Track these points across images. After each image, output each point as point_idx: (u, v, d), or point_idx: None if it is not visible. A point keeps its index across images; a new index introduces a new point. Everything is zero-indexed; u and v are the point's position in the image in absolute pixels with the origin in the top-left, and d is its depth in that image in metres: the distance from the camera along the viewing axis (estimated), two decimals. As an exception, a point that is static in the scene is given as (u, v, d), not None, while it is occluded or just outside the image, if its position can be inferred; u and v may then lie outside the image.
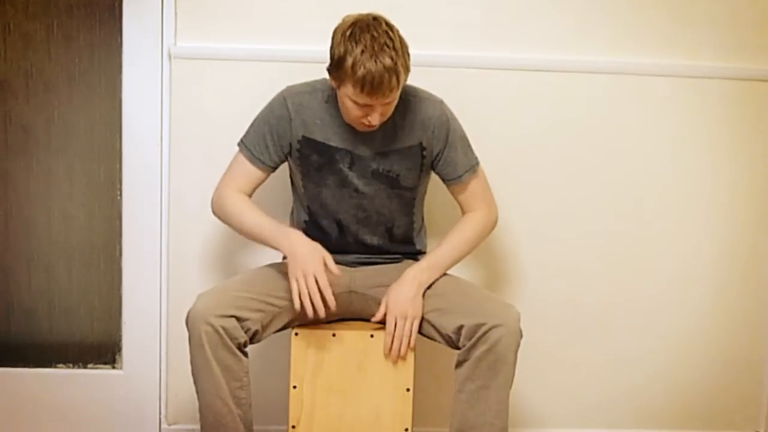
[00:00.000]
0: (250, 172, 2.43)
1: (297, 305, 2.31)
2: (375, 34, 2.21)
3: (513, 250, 2.83)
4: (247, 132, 2.44)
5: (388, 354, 2.34)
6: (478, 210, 2.49)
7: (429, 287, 2.40)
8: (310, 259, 2.31)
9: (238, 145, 2.45)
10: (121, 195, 2.77)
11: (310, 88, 2.41)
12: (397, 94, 2.28)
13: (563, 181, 2.81)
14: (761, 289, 2.91)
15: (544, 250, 2.84)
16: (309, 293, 2.30)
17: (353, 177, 2.41)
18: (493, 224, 2.52)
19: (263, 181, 2.46)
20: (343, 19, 2.28)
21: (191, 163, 2.72)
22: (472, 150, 2.49)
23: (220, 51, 2.67)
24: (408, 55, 2.26)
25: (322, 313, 2.30)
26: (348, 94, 2.25)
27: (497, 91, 2.74)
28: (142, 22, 2.68)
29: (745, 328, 2.93)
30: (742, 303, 2.91)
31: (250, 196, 2.46)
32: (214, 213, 2.47)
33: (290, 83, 2.45)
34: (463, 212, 2.51)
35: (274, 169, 2.46)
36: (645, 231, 2.86)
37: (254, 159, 2.42)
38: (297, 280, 2.31)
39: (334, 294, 2.34)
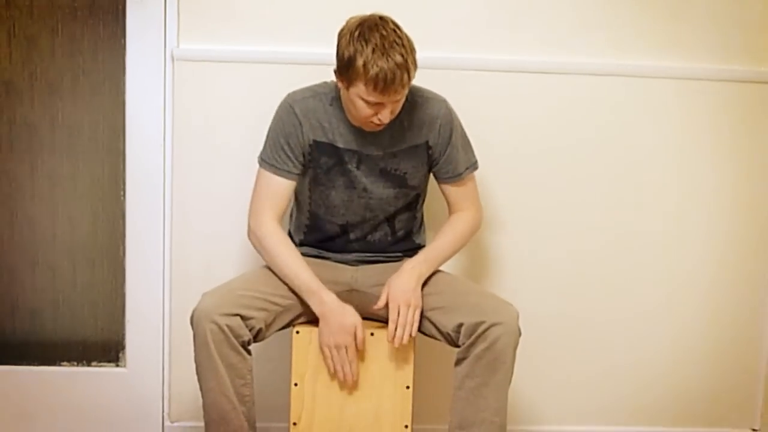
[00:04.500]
0: (279, 186, 2.41)
1: (331, 371, 2.35)
2: (384, 32, 2.22)
3: (512, 250, 2.84)
4: (264, 149, 2.42)
5: (391, 341, 2.34)
6: (468, 209, 2.51)
7: (428, 285, 2.40)
8: (342, 332, 2.33)
9: (259, 163, 2.43)
10: (124, 195, 2.77)
11: (312, 92, 2.42)
12: (406, 91, 2.29)
13: (563, 181, 2.82)
14: (757, 293, 2.92)
15: (543, 249, 2.84)
16: (341, 364, 2.35)
17: (361, 177, 2.42)
18: (480, 224, 2.56)
19: (293, 192, 2.44)
20: (348, 21, 2.28)
21: (194, 163, 2.72)
22: (471, 148, 2.51)
23: (223, 53, 2.67)
24: (415, 51, 2.26)
25: (350, 380, 2.35)
26: (359, 94, 2.25)
27: (497, 92, 2.75)
28: (145, 25, 2.68)
29: (742, 331, 2.93)
30: (739, 306, 2.92)
31: (284, 214, 2.44)
32: (251, 241, 2.44)
33: (291, 85, 2.45)
34: (452, 211, 2.52)
35: (299, 176, 2.43)
36: (644, 230, 2.86)
37: (280, 171, 2.40)
38: (329, 350, 2.34)
39: (335, 294, 2.37)
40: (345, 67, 2.25)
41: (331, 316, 2.33)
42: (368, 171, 2.42)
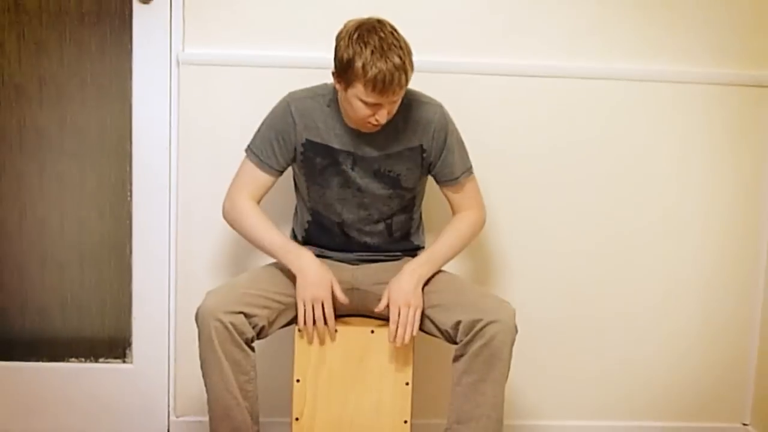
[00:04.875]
0: (259, 177, 2.44)
1: (301, 325, 2.36)
2: (382, 35, 2.23)
3: (509, 250, 2.85)
4: (254, 138, 2.45)
5: (393, 341, 2.35)
6: (469, 210, 2.52)
7: (427, 284, 2.41)
8: (319, 285, 2.34)
9: (246, 151, 2.46)
10: (131, 196, 2.79)
11: (312, 93, 2.44)
12: (403, 92, 2.30)
13: (559, 183, 2.83)
14: (748, 293, 2.93)
15: (540, 249, 2.85)
16: (315, 318, 2.35)
17: (356, 177, 2.43)
18: (483, 224, 2.56)
19: (272, 185, 2.47)
20: (346, 24, 2.30)
21: (199, 164, 2.74)
22: (467, 153, 2.51)
23: (226, 57, 2.69)
24: (411, 54, 2.28)
25: (323, 338, 2.36)
26: (358, 95, 2.26)
27: (493, 95, 2.76)
28: (151, 30, 2.69)
29: (733, 329, 2.94)
30: (731, 306, 2.93)
31: (260, 200, 2.46)
32: (226, 220, 2.48)
33: (293, 88, 2.46)
34: (455, 212, 2.53)
35: (281, 173, 2.47)
36: (639, 231, 2.87)
37: (262, 164, 2.43)
38: (305, 304, 2.35)
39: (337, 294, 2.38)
40: (344, 69, 2.26)
41: (308, 270, 2.35)
42: (363, 172, 2.44)
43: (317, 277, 2.36)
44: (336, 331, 2.39)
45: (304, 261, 2.37)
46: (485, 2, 2.74)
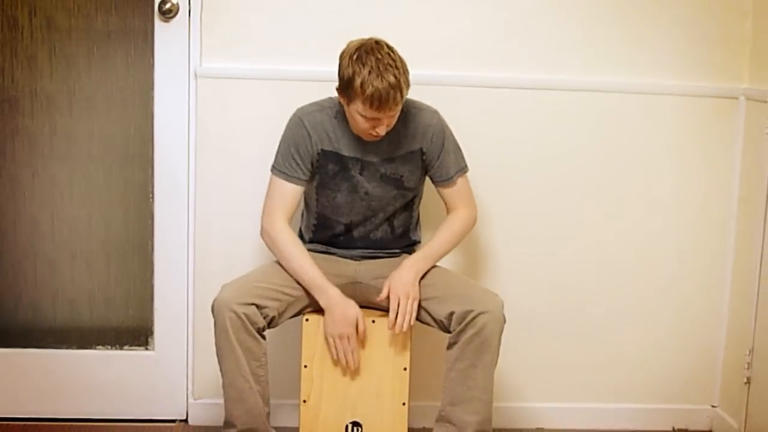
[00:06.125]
0: (290, 190, 2.50)
1: (334, 357, 2.45)
2: (379, 56, 2.33)
3: (500, 248, 2.92)
4: (276, 158, 2.51)
5: (392, 329, 2.43)
6: (462, 209, 2.59)
7: (423, 278, 2.49)
8: (345, 322, 2.42)
9: (271, 171, 2.51)
10: (153, 197, 2.85)
11: (319, 107, 2.52)
12: (400, 108, 2.39)
13: (545, 188, 2.89)
14: (716, 290, 2.99)
15: (528, 248, 2.92)
16: (343, 351, 2.44)
17: (363, 181, 2.52)
18: (474, 221, 2.63)
19: (301, 196, 2.53)
20: (348, 45, 2.39)
21: (214, 169, 2.80)
22: (462, 154, 2.59)
23: (241, 71, 2.75)
24: (408, 72, 2.37)
25: (353, 367, 2.45)
26: (358, 110, 2.36)
27: (484, 106, 2.83)
28: (171, 46, 2.76)
29: (702, 320, 3.01)
30: (700, 300, 3.00)
31: (293, 215, 2.53)
32: (263, 240, 2.53)
33: (302, 99, 2.54)
34: (449, 210, 2.60)
35: (307, 182, 2.52)
36: (618, 233, 2.93)
37: (290, 177, 2.49)
38: (333, 339, 2.43)
39: (340, 286, 2.48)
40: (345, 86, 2.37)
41: (335, 308, 2.42)
42: (369, 176, 2.52)
43: (343, 315, 2.42)
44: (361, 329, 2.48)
45: (332, 299, 2.43)
46: (477, 21, 2.81)
